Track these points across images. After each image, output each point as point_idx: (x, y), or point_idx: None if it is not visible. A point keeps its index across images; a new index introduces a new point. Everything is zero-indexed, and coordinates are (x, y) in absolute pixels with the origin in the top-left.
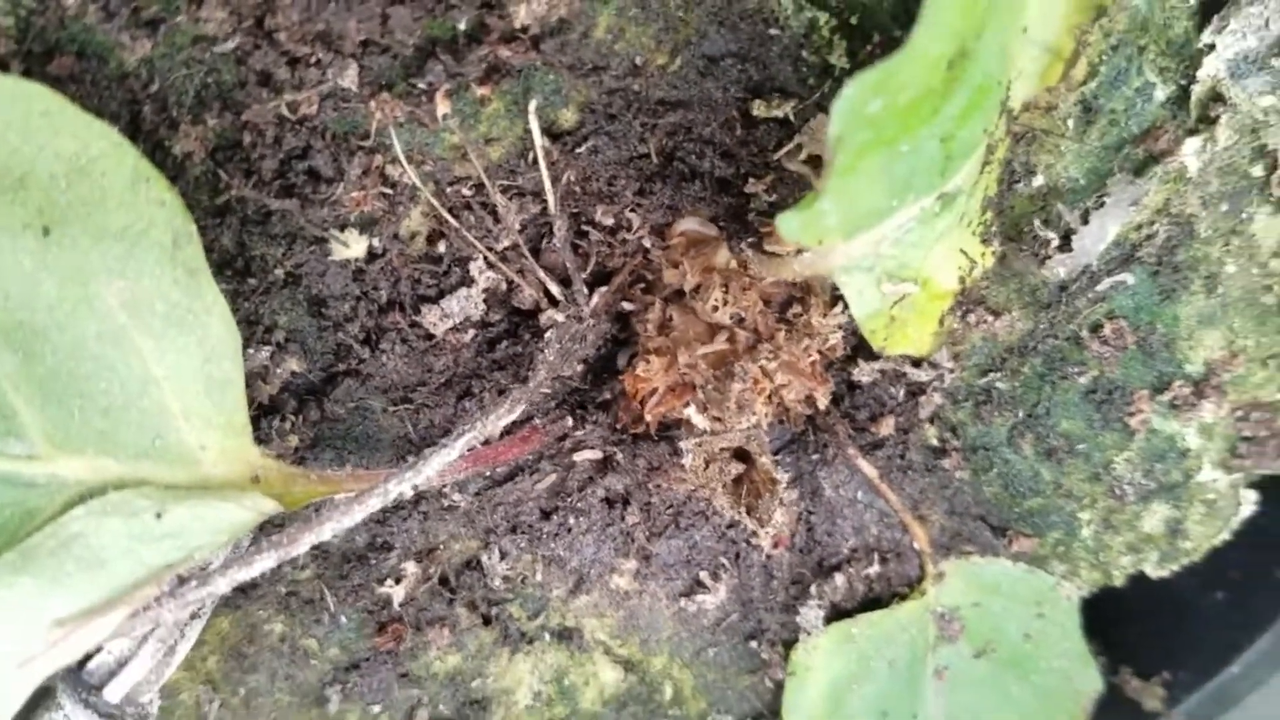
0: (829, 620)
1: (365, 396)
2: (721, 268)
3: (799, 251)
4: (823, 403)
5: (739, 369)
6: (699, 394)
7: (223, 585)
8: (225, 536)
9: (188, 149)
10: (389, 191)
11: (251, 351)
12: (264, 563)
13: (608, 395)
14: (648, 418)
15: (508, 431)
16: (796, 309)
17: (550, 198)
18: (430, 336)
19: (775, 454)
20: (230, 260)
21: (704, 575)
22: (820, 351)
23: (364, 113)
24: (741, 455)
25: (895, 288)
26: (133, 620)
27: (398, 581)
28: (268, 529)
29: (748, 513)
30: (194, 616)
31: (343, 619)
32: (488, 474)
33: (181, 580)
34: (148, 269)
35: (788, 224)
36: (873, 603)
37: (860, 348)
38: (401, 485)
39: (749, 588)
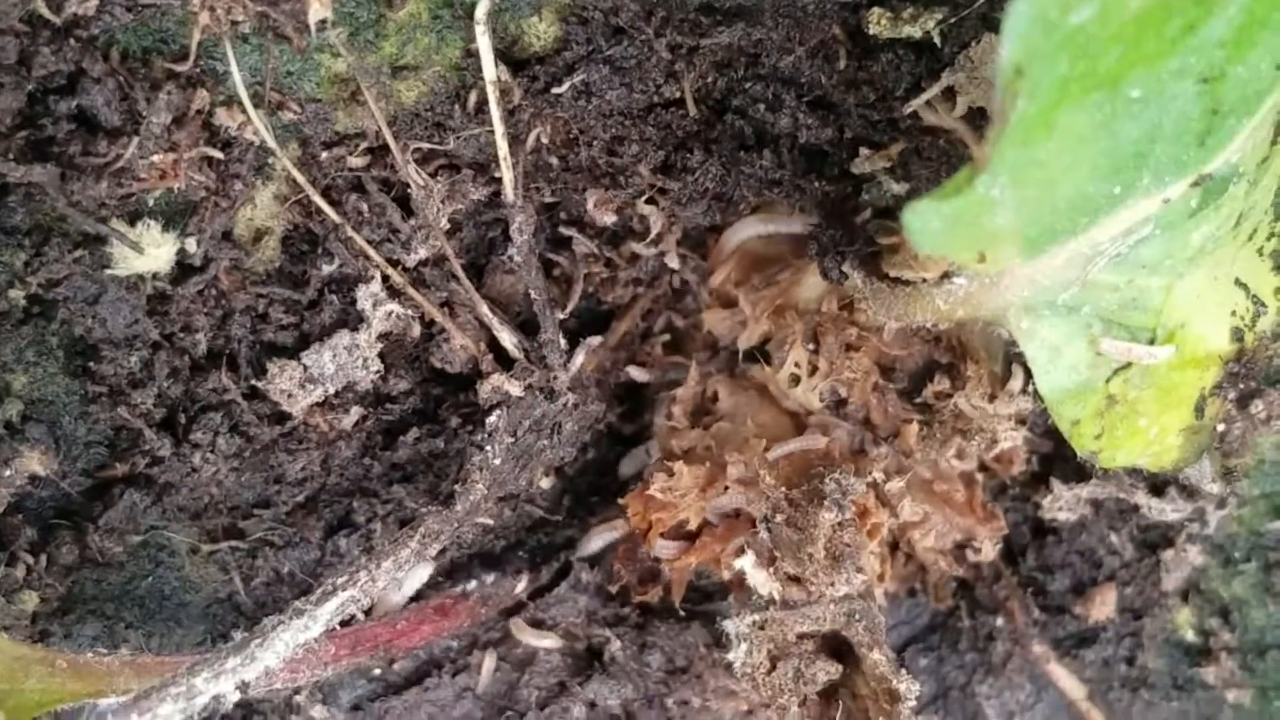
0: None
1: (161, 524)
2: (809, 308)
3: (945, 277)
4: (988, 557)
5: (834, 488)
6: (762, 534)
7: None
8: None
9: None
10: (218, 156)
11: None
12: None
13: (599, 536)
14: (668, 575)
15: (416, 596)
16: (940, 384)
17: (506, 175)
18: (282, 418)
19: (900, 650)
20: None
21: None
22: (983, 463)
23: (180, 14)
24: (837, 649)
25: (1118, 346)
26: None
27: None
28: None
29: None
30: None
31: None
32: (376, 672)
33: None
34: None
35: (924, 222)
36: None
37: (1056, 458)
38: (216, 683)
39: None
